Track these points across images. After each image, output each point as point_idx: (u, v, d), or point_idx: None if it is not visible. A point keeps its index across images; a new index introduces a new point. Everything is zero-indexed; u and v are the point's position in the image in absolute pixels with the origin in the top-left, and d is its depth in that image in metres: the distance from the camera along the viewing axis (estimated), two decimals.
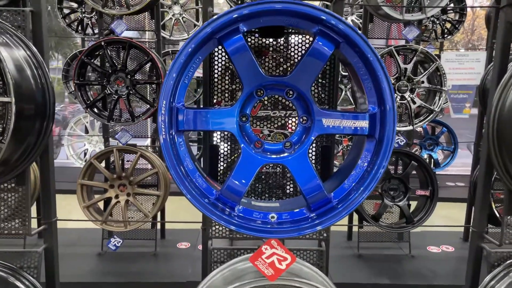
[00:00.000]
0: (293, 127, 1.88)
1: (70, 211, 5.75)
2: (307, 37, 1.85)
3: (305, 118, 1.52)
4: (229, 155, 1.89)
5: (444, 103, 6.35)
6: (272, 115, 1.79)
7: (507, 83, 1.86)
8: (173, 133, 1.44)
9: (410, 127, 3.95)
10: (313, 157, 1.94)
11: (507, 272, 1.97)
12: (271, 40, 1.84)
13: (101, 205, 4.25)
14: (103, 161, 4.19)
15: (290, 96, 1.51)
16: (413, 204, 4.26)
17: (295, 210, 1.51)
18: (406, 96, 3.94)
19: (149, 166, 4.21)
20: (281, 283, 1.54)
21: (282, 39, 1.85)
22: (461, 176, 7.52)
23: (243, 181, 1.47)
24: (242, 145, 1.47)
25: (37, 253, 1.91)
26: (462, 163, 8.24)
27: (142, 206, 3.99)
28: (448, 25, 5.79)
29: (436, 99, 3.95)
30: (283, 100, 1.86)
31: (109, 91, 3.83)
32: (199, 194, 1.47)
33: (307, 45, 1.84)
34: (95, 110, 3.94)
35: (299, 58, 1.87)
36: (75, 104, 14.24)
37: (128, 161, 4.38)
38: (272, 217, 1.50)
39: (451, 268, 4.07)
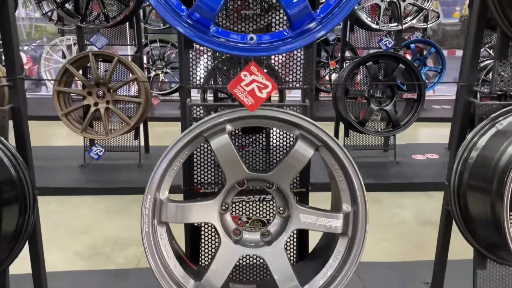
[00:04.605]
0: None
1: (51, 135, 5.65)
2: None
3: None
4: None
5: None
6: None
7: None
8: None
9: (400, 27, 3.82)
10: None
11: (490, 126, 1.91)
12: None
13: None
14: (80, 71, 4.00)
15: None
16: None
17: (275, 32, 1.40)
18: None
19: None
20: (264, 113, 1.46)
21: None
22: (447, 101, 7.51)
23: None
24: None
25: (3, 111, 1.79)
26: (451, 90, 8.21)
27: (123, 114, 3.86)
28: None
29: None
30: None
31: None
32: (171, 11, 1.34)
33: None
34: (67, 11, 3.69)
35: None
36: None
37: (106, 71, 4.19)
38: (251, 38, 1.39)
39: (435, 171, 4.11)
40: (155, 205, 1.50)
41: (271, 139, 1.91)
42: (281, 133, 1.87)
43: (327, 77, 6.98)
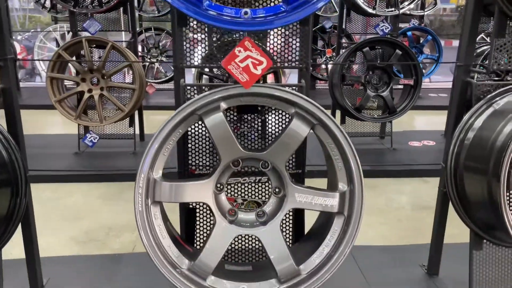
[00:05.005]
0: None
1: (46, 124, 5.61)
2: None
3: None
4: None
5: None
6: None
7: None
8: None
9: (397, 12, 3.78)
10: None
11: (487, 106, 1.89)
12: None
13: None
14: (74, 57, 3.95)
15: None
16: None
17: (270, 6, 1.36)
18: None
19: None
20: (260, 91, 1.43)
21: None
22: (443, 89, 7.51)
23: None
24: None
25: None
26: (446, 80, 8.20)
27: (117, 100, 3.82)
28: None
29: None
30: None
31: None
32: None
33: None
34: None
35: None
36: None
37: (99, 57, 4.14)
38: (245, 12, 1.36)
39: (431, 157, 4.10)
40: (149, 184, 1.47)
41: (267, 119, 1.89)
42: (277, 113, 1.84)
43: (323, 65, 6.94)
